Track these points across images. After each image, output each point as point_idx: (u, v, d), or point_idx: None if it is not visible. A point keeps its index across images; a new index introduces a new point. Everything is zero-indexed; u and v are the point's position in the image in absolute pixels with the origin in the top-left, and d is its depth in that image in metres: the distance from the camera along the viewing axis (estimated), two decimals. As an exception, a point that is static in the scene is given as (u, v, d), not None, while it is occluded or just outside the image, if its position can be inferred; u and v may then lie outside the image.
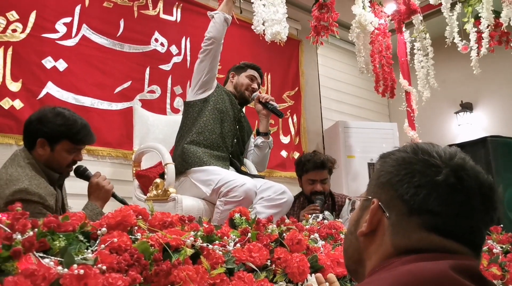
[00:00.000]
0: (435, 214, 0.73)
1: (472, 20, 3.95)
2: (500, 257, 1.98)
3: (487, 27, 3.74)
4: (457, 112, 5.70)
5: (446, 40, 3.90)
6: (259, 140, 2.87)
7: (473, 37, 3.90)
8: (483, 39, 3.80)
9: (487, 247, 2.07)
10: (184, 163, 2.51)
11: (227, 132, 2.65)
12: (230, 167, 2.63)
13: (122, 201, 2.12)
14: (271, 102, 2.82)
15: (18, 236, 0.95)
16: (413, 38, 4.29)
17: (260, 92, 2.91)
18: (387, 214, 0.77)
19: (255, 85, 2.85)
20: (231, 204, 2.24)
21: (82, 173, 2.13)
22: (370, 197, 0.82)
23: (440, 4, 3.80)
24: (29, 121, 1.97)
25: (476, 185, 0.75)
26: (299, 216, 2.75)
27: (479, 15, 3.77)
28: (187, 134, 2.61)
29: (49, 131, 1.92)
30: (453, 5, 3.88)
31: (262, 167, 2.96)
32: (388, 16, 4.18)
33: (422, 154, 0.77)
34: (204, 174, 2.43)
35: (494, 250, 2.03)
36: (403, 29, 4.32)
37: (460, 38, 3.92)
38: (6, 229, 0.95)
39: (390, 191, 0.78)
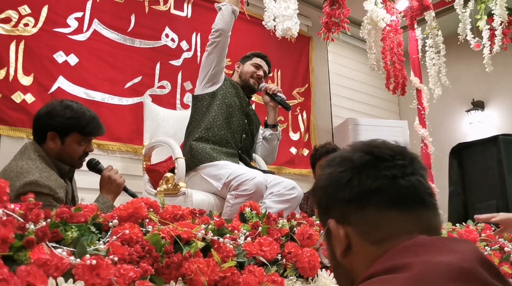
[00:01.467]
0: (376, 192, 0.75)
1: (485, 17, 3.91)
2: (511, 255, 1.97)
3: (500, 24, 3.70)
4: (468, 110, 5.65)
5: (459, 37, 3.86)
6: (267, 132, 2.86)
7: (485, 34, 3.86)
8: (496, 36, 3.76)
9: (498, 245, 2.05)
10: (193, 159, 2.50)
11: (235, 127, 2.64)
12: (240, 162, 2.62)
13: (133, 195, 2.12)
14: (278, 93, 2.79)
15: (31, 226, 0.95)
16: (424, 35, 4.25)
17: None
18: (346, 223, 0.78)
19: (260, 72, 2.80)
20: (241, 197, 2.24)
21: (94, 166, 2.14)
22: (327, 226, 0.82)
23: (453, 0, 3.76)
24: (38, 115, 1.98)
25: (388, 150, 0.78)
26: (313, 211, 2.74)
27: (492, 12, 3.74)
28: (195, 129, 2.60)
29: (59, 124, 1.93)
30: (466, 2, 3.85)
31: (271, 159, 2.94)
32: (400, 13, 4.15)
33: (334, 159, 0.84)
34: (215, 169, 2.43)
35: (506, 248, 2.02)
36: (415, 26, 4.28)
37: (472, 35, 3.89)
38: (20, 218, 0.96)
39: (332, 204, 0.80)
